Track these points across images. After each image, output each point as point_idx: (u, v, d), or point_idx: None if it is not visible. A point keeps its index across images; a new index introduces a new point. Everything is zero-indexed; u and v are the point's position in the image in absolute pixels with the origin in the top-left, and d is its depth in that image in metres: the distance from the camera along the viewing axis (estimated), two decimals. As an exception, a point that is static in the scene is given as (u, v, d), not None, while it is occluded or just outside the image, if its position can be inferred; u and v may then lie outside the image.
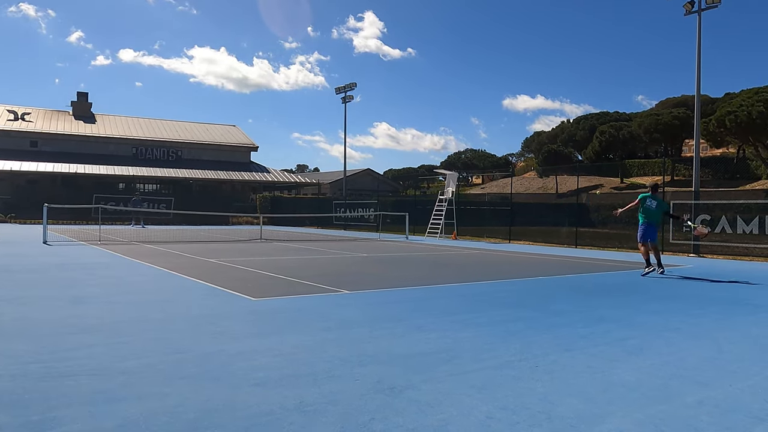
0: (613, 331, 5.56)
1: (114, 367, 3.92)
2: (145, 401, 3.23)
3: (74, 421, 2.92)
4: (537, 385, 3.69)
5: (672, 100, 68.56)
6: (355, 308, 6.58)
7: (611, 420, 3.11)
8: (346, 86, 40.70)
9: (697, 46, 17.93)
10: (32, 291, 7.35)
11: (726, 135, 46.53)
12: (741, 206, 16.46)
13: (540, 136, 78.66)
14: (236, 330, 5.24)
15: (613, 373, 4.03)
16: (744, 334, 5.61)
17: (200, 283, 8.33)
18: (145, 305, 6.53)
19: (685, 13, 18.27)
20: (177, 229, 28.28)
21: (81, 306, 6.32)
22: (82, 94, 47.39)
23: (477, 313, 6.35)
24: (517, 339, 5.07)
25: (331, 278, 9.29)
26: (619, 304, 7.29)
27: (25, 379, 3.59)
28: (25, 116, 42.81)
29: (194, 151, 46.54)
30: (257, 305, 6.64)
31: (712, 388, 3.74)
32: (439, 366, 4.11)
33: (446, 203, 24.98)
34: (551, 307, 6.89)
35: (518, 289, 8.63)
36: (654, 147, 66.64)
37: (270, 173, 46.80)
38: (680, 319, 6.33)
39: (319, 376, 3.80)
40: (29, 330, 5.06)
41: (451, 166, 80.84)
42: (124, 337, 4.85)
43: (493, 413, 3.16)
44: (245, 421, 2.96)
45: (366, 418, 3.03)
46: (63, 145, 41.71)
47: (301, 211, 37.86)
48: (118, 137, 44.27)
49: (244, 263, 11.49)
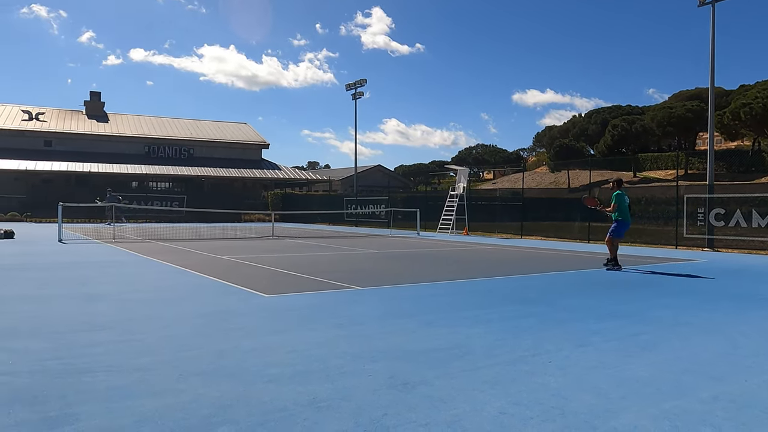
0: (625, 326, 5.53)
1: (129, 363, 3.97)
2: (160, 397, 3.27)
3: (92, 416, 2.96)
4: (550, 381, 3.68)
5: (685, 93, 67.80)
6: (367, 304, 6.60)
7: (625, 415, 3.09)
8: (356, 82, 40.66)
9: (711, 37, 17.72)
10: (48, 289, 7.44)
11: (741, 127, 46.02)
12: (756, 199, 16.25)
13: (551, 131, 78.12)
14: (249, 326, 5.28)
15: (627, 369, 4.01)
16: (758, 328, 5.55)
17: (213, 280, 8.39)
18: (159, 302, 6.59)
19: (698, 4, 18.04)
20: (189, 226, 28.47)
21: (96, 303, 6.39)
22: (95, 94, 47.85)
23: (489, 309, 6.34)
24: (529, 334, 5.06)
25: (343, 275, 9.32)
26: (632, 299, 7.25)
27: (43, 376, 3.64)
28: (39, 116, 43.26)
29: (206, 149, 46.78)
30: (270, 302, 6.68)
31: (727, 383, 3.71)
32: (451, 362, 4.11)
33: (457, 199, 24.91)
34: (563, 303, 6.87)
35: (530, 284, 8.60)
36: (667, 140, 65.94)
37: (281, 170, 46.93)
38: (693, 313, 6.28)
39: (331, 372, 3.82)
40: (46, 327, 5.12)
41: (462, 161, 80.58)
42: (138, 334, 4.91)
43: (506, 409, 3.16)
44: (259, 417, 2.99)
45: (379, 414, 3.04)
46: (76, 144, 42.11)
47: (312, 207, 37.95)
48: (130, 136, 44.61)
49: (256, 260, 11.55)
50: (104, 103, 47.98)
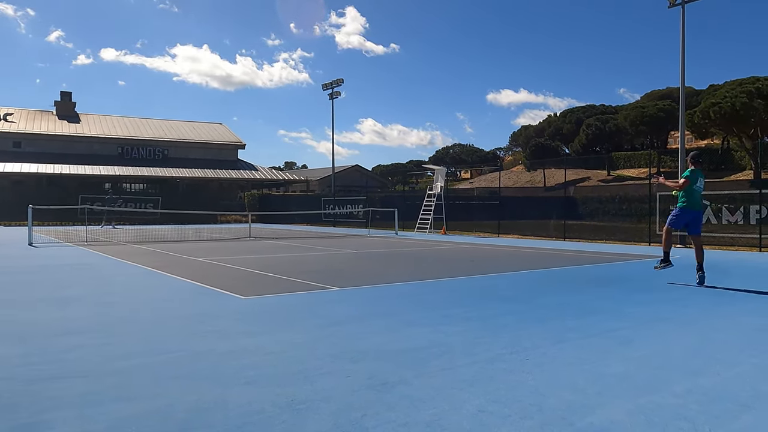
0: (602, 322, 5.60)
1: (104, 368, 3.89)
2: (135, 402, 3.21)
3: (65, 423, 2.89)
4: (528, 378, 3.71)
5: (657, 93, 69.06)
6: (346, 305, 6.58)
7: (602, 411, 3.13)
8: (333, 82, 40.58)
9: (681, 38, 18.08)
10: (19, 293, 7.26)
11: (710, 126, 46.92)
12: (726, 197, 16.65)
13: (527, 130, 78.90)
14: (226, 329, 5.22)
15: (603, 364, 4.06)
16: (731, 322, 5.68)
17: (189, 283, 8.28)
18: (133, 305, 6.48)
19: (668, 5, 18.41)
20: (165, 228, 28.07)
21: (69, 307, 6.26)
22: (65, 94, 46.84)
23: (467, 308, 6.37)
24: (507, 332, 5.10)
25: (321, 275, 9.28)
26: (608, 296, 7.35)
27: (14, 382, 3.55)
28: (7, 117, 42.19)
29: (181, 149, 46.15)
30: (247, 303, 6.62)
31: (701, 377, 3.78)
32: (430, 361, 4.12)
33: (435, 198, 25.01)
34: (541, 300, 6.93)
35: (508, 282, 8.67)
36: (640, 139, 67.08)
37: (258, 171, 46.57)
38: (668, 309, 6.40)
39: (310, 373, 3.79)
40: (17, 332, 5.00)
41: (440, 161, 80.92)
42: (113, 337, 4.82)
43: (484, 407, 3.18)
44: (237, 419, 2.95)
45: (358, 415, 3.03)
46: (47, 145, 41.19)
47: (290, 208, 37.71)
48: (103, 137, 43.82)
49: (232, 261, 11.44)
50: (75, 104, 47.06)
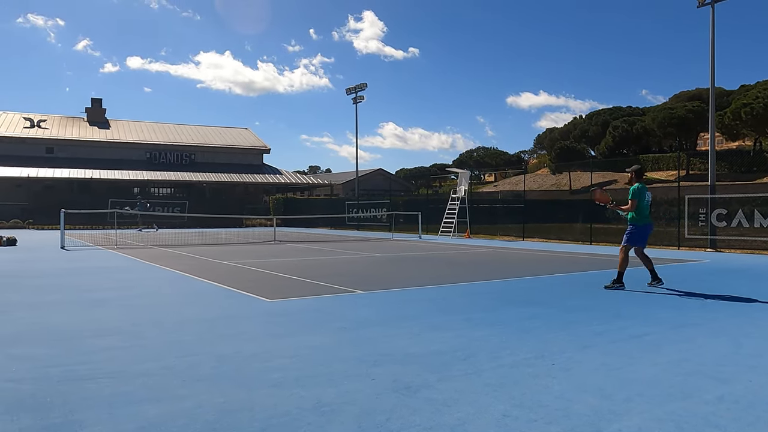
0: (629, 327, 5.51)
1: (132, 369, 3.97)
2: (163, 403, 3.27)
3: (96, 423, 2.95)
4: (553, 383, 3.67)
5: (686, 94, 67.80)
6: (370, 308, 6.59)
7: (630, 417, 3.08)
8: (356, 87, 40.75)
9: (711, 38, 17.71)
10: (50, 295, 7.45)
11: (742, 127, 45.97)
12: (758, 199, 16.22)
13: (552, 133, 78.14)
14: (252, 331, 5.28)
15: (631, 370, 4.00)
16: (762, 328, 5.54)
17: (215, 286, 8.39)
18: (161, 308, 6.59)
19: (697, 5, 18.06)
20: (191, 232, 28.49)
21: (98, 309, 6.39)
22: (96, 100, 47.99)
23: (492, 312, 6.33)
24: (532, 337, 5.05)
25: (345, 278, 9.32)
26: (635, 301, 7.23)
27: (47, 383, 3.64)
28: (40, 123, 43.40)
29: (207, 154, 46.83)
30: (272, 306, 6.68)
31: (732, 384, 3.70)
32: (454, 365, 4.11)
33: (459, 202, 24.91)
34: (566, 305, 6.85)
35: (533, 286, 8.59)
36: (668, 141, 65.90)
37: (282, 175, 46.97)
38: (697, 314, 6.27)
39: (335, 376, 3.81)
40: (48, 334, 5.13)
41: (463, 164, 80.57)
42: (141, 339, 4.91)
43: (509, 411, 3.15)
44: (262, 422, 2.98)
45: (383, 418, 3.04)
46: (78, 150, 42.22)
47: (314, 212, 37.96)
48: (132, 142, 44.72)
49: (258, 265, 11.56)
50: (105, 110, 48.20)
